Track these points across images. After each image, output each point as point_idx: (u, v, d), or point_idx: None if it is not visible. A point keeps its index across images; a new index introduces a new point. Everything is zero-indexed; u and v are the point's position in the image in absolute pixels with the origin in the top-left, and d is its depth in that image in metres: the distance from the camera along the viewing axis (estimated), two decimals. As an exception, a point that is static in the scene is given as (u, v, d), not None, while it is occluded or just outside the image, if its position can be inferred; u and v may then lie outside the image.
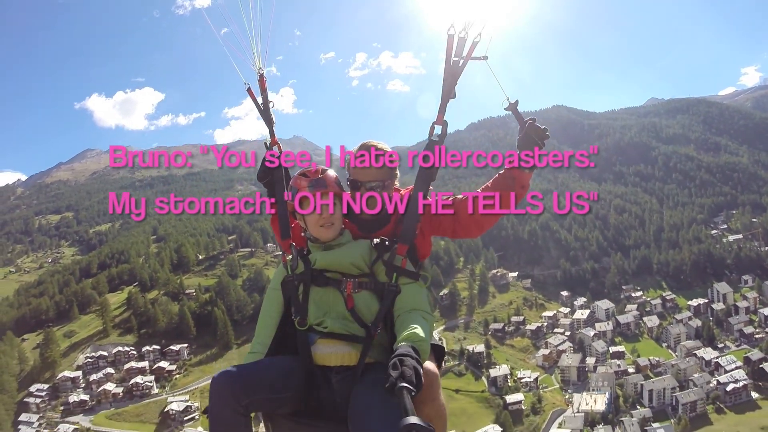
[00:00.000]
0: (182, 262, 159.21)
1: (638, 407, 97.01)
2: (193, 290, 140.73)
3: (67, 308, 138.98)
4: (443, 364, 4.04)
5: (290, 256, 3.77)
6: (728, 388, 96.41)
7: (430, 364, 3.30)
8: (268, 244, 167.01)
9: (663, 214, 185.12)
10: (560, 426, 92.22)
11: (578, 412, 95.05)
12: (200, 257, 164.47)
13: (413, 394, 2.56)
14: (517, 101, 3.52)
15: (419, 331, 3.12)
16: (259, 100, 4.45)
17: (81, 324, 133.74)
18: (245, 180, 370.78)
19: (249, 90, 4.40)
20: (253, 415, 3.23)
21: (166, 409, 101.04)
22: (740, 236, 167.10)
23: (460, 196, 3.92)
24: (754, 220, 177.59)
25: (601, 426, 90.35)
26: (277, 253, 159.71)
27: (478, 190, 3.80)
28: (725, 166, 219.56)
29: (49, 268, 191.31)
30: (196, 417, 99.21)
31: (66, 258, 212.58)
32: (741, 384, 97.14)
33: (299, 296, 3.58)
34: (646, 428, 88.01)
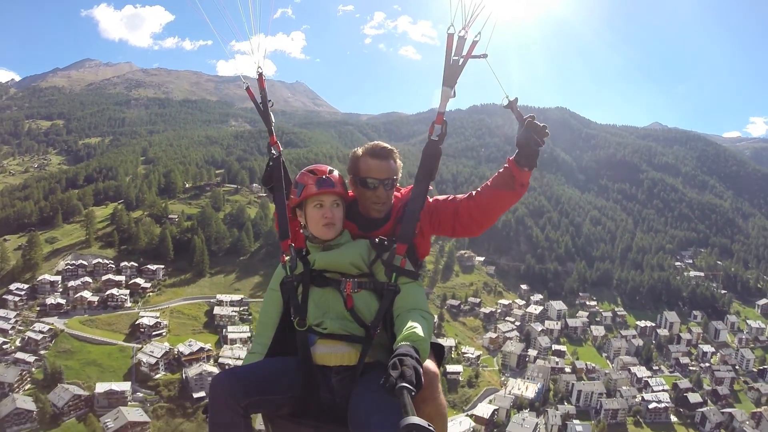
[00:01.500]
0: (169, 188, 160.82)
1: (565, 403, 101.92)
2: (177, 216, 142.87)
3: (51, 215, 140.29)
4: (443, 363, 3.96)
5: (289, 257, 3.83)
6: (650, 406, 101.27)
7: (430, 364, 3.45)
8: (254, 185, 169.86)
9: (635, 236, 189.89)
10: (490, 402, 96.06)
11: (509, 394, 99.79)
12: (187, 185, 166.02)
13: (413, 393, 2.57)
14: (516, 99, 3.54)
15: (419, 330, 3.14)
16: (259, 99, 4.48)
17: (63, 232, 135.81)
18: (240, 116, 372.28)
19: (248, 89, 4.45)
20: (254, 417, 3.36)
21: (137, 322, 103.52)
22: (702, 274, 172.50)
23: (460, 196, 4.02)
24: (719, 262, 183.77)
25: (527, 411, 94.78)
26: (260, 195, 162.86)
27: (479, 189, 3.90)
28: (706, 205, 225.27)
29: (35, 174, 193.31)
30: (164, 333, 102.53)
31: (52, 166, 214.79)
32: (663, 405, 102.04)
33: (298, 297, 3.64)
34: (567, 422, 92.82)
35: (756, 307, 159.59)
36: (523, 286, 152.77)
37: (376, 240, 3.68)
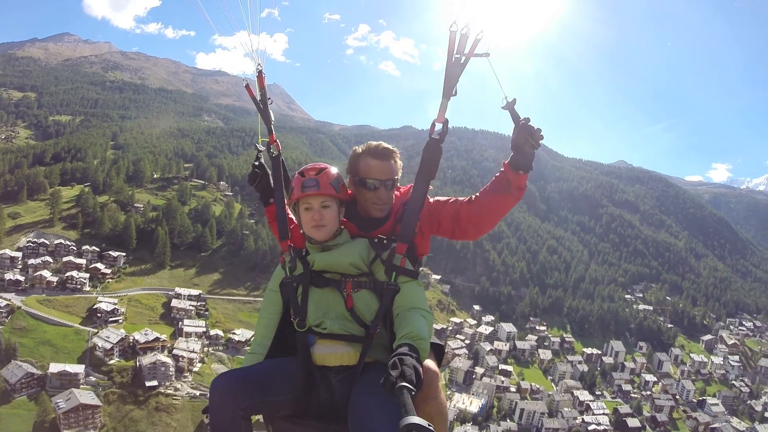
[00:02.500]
0: (137, 176, 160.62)
1: (508, 420, 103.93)
2: (142, 205, 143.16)
3: (15, 190, 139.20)
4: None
5: (289, 257, 3.82)
6: (590, 428, 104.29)
7: (430, 363, 3.51)
8: (221, 182, 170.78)
9: (589, 267, 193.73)
10: None
11: (453, 407, 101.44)
12: (155, 176, 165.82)
13: (413, 393, 2.56)
14: (514, 100, 3.47)
15: (419, 329, 3.17)
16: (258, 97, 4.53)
17: (27, 209, 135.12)
18: (214, 112, 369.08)
19: (247, 86, 4.47)
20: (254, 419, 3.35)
21: (94, 306, 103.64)
22: (650, 308, 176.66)
23: (461, 199, 3.97)
24: (668, 298, 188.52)
25: (469, 425, 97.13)
26: (227, 193, 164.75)
27: (478, 194, 3.86)
28: (661, 243, 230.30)
29: (1, 145, 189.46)
30: (120, 321, 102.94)
31: (20, 139, 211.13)
32: (602, 428, 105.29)
33: (298, 298, 3.63)
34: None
35: (701, 342, 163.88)
36: (476, 307, 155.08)
37: (376, 239, 3.75)
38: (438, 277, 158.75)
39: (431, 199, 3.99)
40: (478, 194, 3.83)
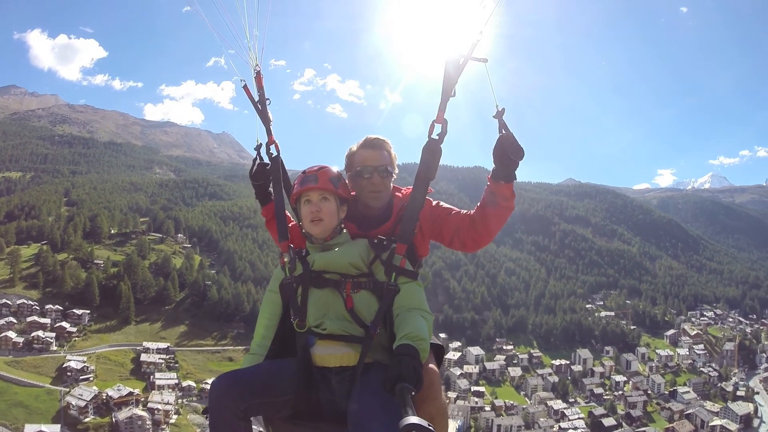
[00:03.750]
0: (95, 232, 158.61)
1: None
2: (102, 262, 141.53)
3: None
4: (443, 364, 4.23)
5: (288, 258, 3.83)
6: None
7: (430, 363, 3.62)
8: (179, 235, 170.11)
9: (548, 283, 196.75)
10: None
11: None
12: (113, 231, 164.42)
13: (413, 393, 2.59)
14: (503, 110, 3.43)
15: (419, 330, 3.17)
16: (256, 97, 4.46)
17: None
18: (165, 164, 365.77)
19: (245, 87, 4.43)
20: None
21: (63, 365, 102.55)
22: (612, 313, 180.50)
23: (463, 212, 4.00)
24: (627, 301, 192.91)
25: None
26: (185, 245, 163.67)
27: (477, 206, 3.88)
28: (615, 251, 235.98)
29: None
30: (91, 378, 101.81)
31: None
32: (579, 431, 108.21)
33: (298, 298, 3.60)
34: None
35: (665, 338, 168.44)
36: (442, 335, 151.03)
37: (375, 240, 3.72)
38: None
39: (433, 203, 4.08)
40: (476, 208, 3.89)
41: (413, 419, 2.19)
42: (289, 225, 4.18)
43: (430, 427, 2.18)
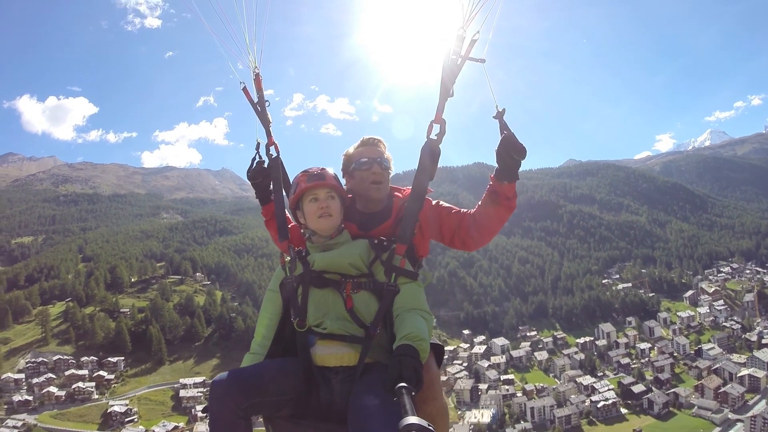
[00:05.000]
0: (116, 282, 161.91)
1: (521, 422, 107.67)
2: (128, 309, 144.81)
3: None
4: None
5: (288, 258, 3.82)
6: (599, 405, 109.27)
7: (430, 364, 3.64)
8: (197, 273, 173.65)
9: (562, 265, 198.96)
10: None
11: (467, 423, 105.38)
12: (133, 279, 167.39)
13: (413, 393, 2.56)
14: (504, 110, 3.41)
15: (419, 330, 3.16)
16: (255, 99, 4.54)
17: (16, 332, 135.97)
18: (171, 208, 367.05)
19: (245, 89, 4.46)
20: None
21: (108, 411, 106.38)
22: (629, 285, 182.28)
23: (463, 210, 3.99)
24: (643, 270, 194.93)
25: None
26: (205, 283, 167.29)
27: (475, 208, 3.88)
28: (624, 223, 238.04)
29: None
30: (135, 419, 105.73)
31: None
32: (611, 402, 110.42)
33: (298, 298, 3.59)
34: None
35: (684, 300, 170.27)
36: (466, 331, 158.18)
37: (375, 240, 3.73)
38: None
39: (433, 202, 4.07)
40: (477, 206, 3.88)
41: (413, 419, 2.21)
42: (289, 226, 4.20)
43: (430, 427, 2.20)
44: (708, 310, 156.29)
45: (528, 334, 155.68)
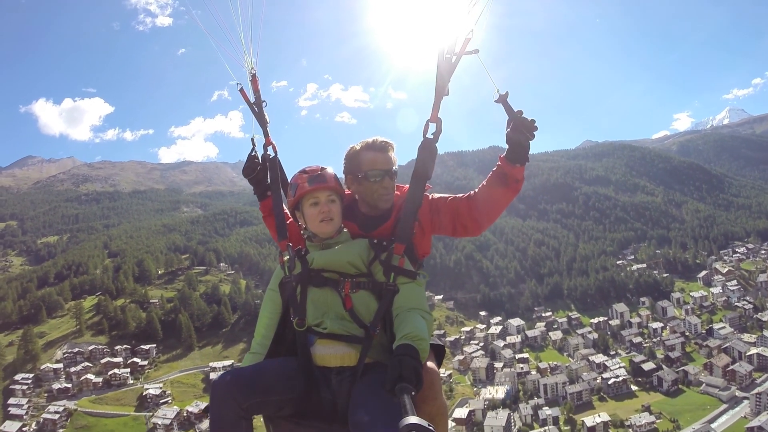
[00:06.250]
0: (143, 275, 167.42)
1: (535, 398, 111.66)
2: (157, 300, 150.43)
3: (32, 312, 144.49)
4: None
5: (287, 257, 3.77)
6: (610, 382, 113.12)
7: (430, 363, 3.54)
8: (221, 264, 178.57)
9: (577, 247, 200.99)
10: (465, 407, 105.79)
11: (481, 398, 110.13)
12: (160, 272, 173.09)
13: (413, 393, 2.55)
14: (507, 93, 3.37)
15: (418, 330, 3.14)
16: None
17: (51, 326, 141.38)
18: (191, 202, 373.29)
19: (241, 90, 4.39)
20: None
21: (143, 394, 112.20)
22: (644, 265, 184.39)
23: (460, 195, 3.92)
24: (657, 251, 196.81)
25: (500, 409, 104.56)
26: (229, 272, 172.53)
27: (477, 189, 3.80)
28: (639, 204, 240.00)
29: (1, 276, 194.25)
30: (169, 401, 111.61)
31: (15, 267, 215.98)
32: (621, 379, 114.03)
33: (297, 297, 3.57)
34: (538, 411, 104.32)
35: (698, 280, 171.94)
36: (482, 313, 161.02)
37: (375, 240, 3.71)
38: (440, 296, 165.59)
39: (430, 197, 4.01)
40: (477, 190, 3.83)
41: (413, 419, 2.20)
42: (287, 222, 4.19)
43: (430, 427, 2.18)
44: (721, 291, 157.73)
45: (543, 314, 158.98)
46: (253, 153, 4.31)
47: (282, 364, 3.44)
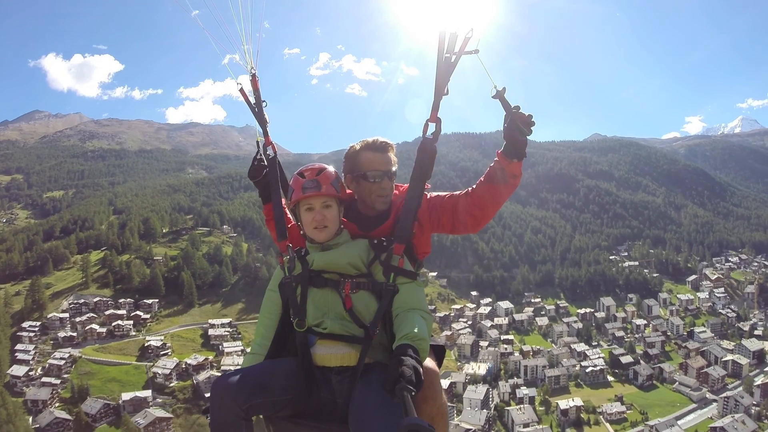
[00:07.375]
0: (148, 233, 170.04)
1: (515, 378, 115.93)
2: (161, 257, 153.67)
3: (39, 264, 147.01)
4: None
5: (287, 257, 3.77)
6: (588, 370, 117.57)
7: (430, 363, 3.47)
8: (224, 226, 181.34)
9: (573, 238, 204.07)
10: (446, 379, 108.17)
11: (463, 373, 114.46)
12: (164, 230, 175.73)
13: (413, 393, 2.54)
14: (504, 89, 3.39)
15: (418, 330, 3.15)
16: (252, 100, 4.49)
17: (57, 278, 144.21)
18: (196, 164, 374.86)
19: (241, 90, 4.45)
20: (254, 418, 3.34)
21: (145, 345, 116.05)
22: (636, 263, 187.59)
23: (457, 192, 3.90)
24: (651, 251, 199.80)
25: (480, 384, 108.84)
26: (231, 235, 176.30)
27: (474, 186, 3.78)
28: (639, 203, 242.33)
29: (5, 228, 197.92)
30: (169, 353, 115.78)
31: (21, 220, 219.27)
32: (599, 368, 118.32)
33: (297, 297, 3.58)
34: (516, 390, 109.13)
35: (687, 283, 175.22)
36: (473, 293, 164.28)
37: (375, 241, 3.71)
38: (435, 273, 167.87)
39: (428, 195, 4.01)
40: (474, 186, 3.81)
41: (413, 419, 2.22)
42: (288, 226, 4.16)
43: (430, 427, 2.19)
44: (708, 296, 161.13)
45: (532, 300, 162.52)
46: (259, 156, 4.31)
47: (282, 365, 3.50)
